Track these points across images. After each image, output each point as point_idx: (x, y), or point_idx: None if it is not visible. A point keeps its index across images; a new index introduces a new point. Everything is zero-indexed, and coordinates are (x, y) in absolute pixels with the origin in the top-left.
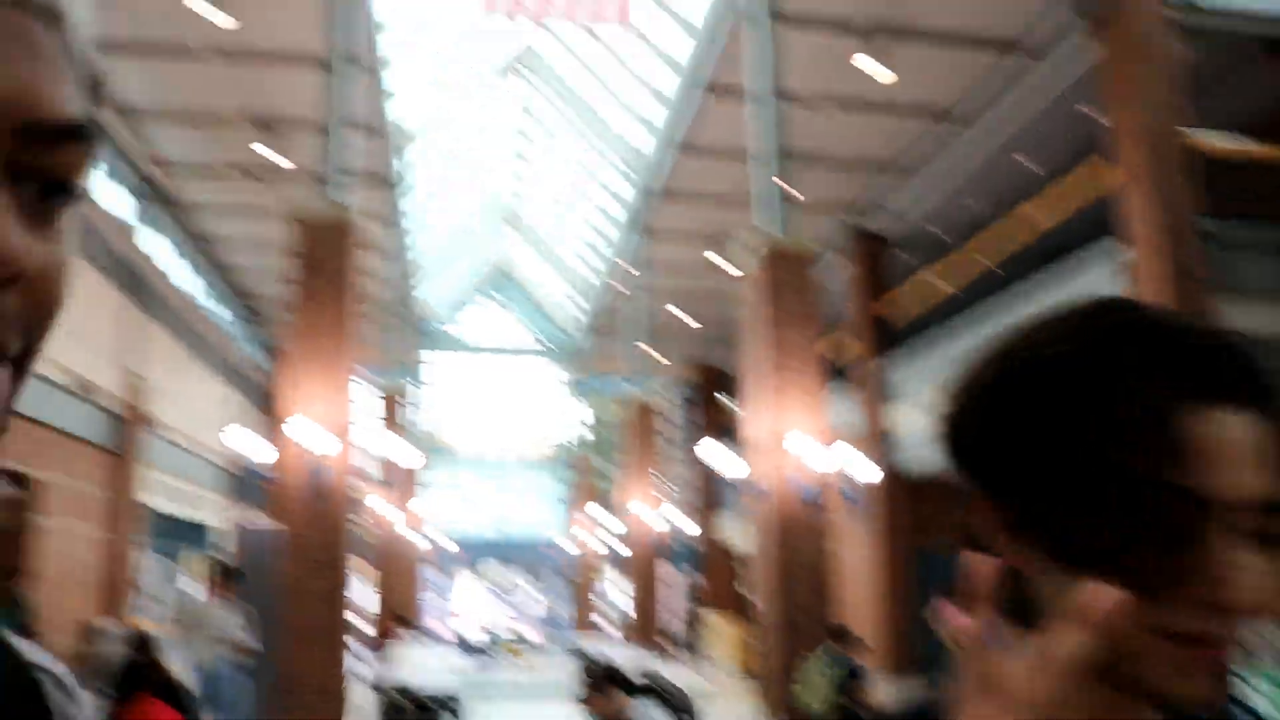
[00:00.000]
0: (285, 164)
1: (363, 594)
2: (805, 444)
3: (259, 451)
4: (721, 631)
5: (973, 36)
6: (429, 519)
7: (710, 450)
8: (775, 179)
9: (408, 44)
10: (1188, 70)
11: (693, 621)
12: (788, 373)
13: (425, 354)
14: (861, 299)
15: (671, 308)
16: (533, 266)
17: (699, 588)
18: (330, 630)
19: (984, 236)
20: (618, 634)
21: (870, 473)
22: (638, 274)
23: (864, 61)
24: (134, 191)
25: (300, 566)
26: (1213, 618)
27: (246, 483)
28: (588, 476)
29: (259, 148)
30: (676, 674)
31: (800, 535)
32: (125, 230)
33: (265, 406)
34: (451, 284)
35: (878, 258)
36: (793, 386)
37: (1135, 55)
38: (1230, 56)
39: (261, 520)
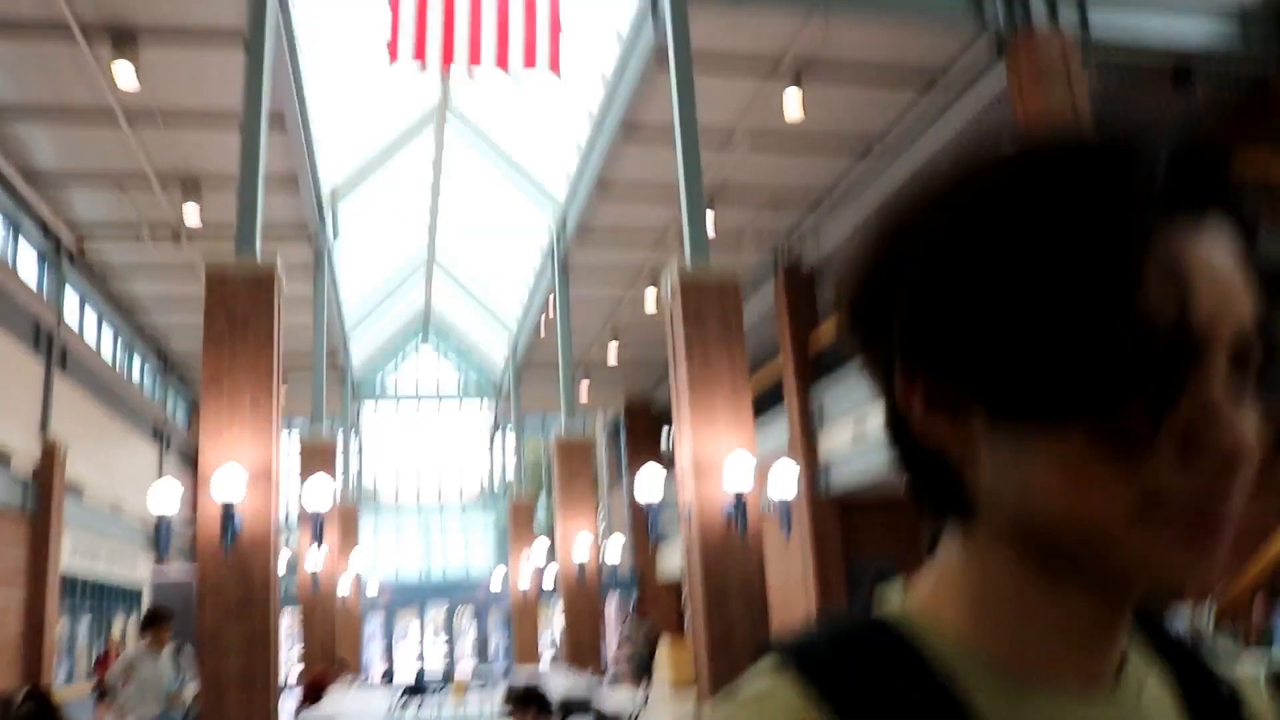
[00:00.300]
0: (198, 222)
1: (298, 642)
2: (732, 467)
3: (178, 505)
4: (664, 654)
5: (893, 69)
6: (366, 566)
7: (641, 479)
8: (697, 211)
9: (330, 99)
10: (1095, 99)
11: (635, 646)
12: (714, 398)
13: (357, 404)
14: (791, 328)
15: (603, 343)
16: (461, 312)
17: (640, 614)
18: (253, 678)
19: None
20: (560, 664)
21: (799, 492)
22: (564, 313)
23: (786, 97)
24: (49, 255)
25: (217, 616)
26: (1208, 477)
27: (169, 538)
28: (524, 514)
29: (181, 206)
30: (618, 697)
31: (730, 556)
32: (38, 295)
33: (191, 462)
34: (381, 333)
35: (806, 288)
36: (719, 412)
37: (1044, 83)
38: (1137, 85)
39: (181, 572)
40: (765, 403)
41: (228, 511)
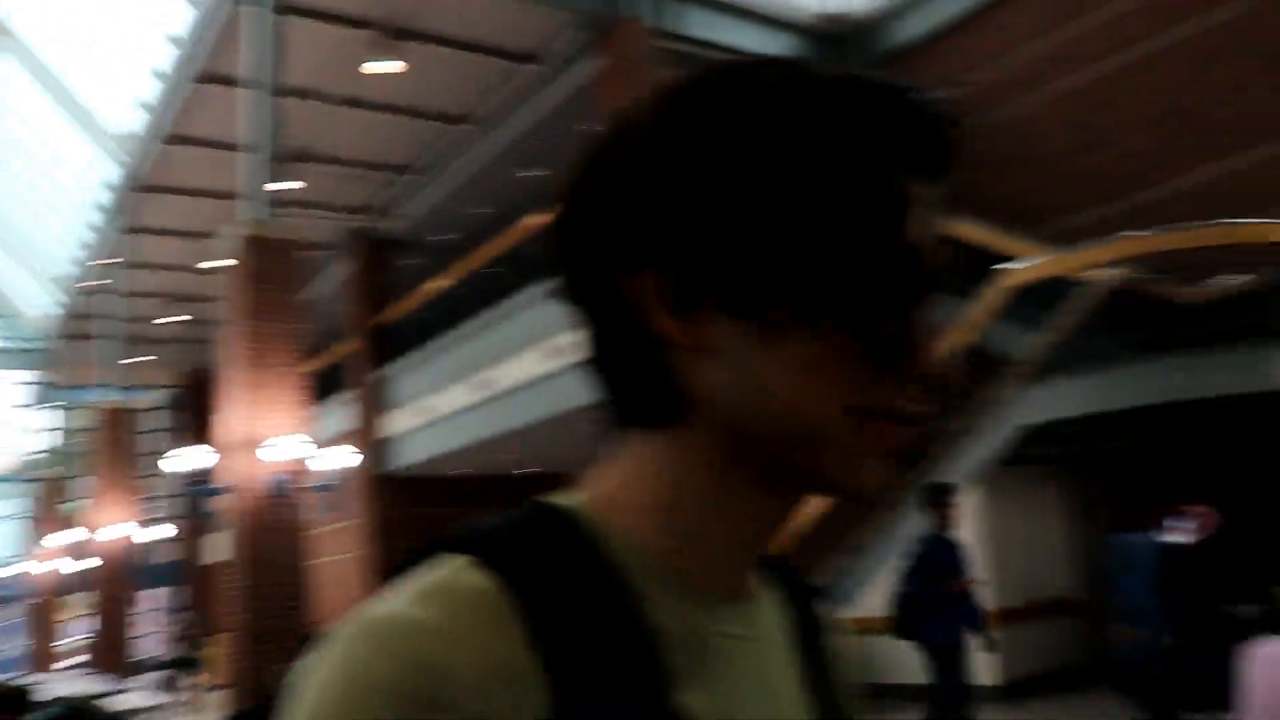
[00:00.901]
0: None
1: None
2: (281, 444)
3: None
4: (206, 647)
5: (486, 45)
6: None
7: (181, 458)
8: (264, 171)
9: None
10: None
11: (177, 640)
12: (266, 369)
13: None
14: (363, 302)
15: (156, 310)
16: None
17: (185, 605)
18: None
19: (487, 244)
20: (85, 664)
21: (359, 474)
22: (118, 271)
23: (375, 64)
24: None
25: None
26: (913, 392)
27: None
28: (54, 494)
29: None
30: (141, 696)
31: (275, 539)
32: None
33: None
34: None
35: (382, 262)
36: (271, 383)
37: (626, 74)
38: None
39: None
40: (336, 380)
41: None
